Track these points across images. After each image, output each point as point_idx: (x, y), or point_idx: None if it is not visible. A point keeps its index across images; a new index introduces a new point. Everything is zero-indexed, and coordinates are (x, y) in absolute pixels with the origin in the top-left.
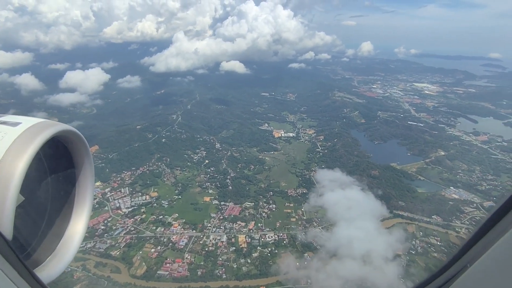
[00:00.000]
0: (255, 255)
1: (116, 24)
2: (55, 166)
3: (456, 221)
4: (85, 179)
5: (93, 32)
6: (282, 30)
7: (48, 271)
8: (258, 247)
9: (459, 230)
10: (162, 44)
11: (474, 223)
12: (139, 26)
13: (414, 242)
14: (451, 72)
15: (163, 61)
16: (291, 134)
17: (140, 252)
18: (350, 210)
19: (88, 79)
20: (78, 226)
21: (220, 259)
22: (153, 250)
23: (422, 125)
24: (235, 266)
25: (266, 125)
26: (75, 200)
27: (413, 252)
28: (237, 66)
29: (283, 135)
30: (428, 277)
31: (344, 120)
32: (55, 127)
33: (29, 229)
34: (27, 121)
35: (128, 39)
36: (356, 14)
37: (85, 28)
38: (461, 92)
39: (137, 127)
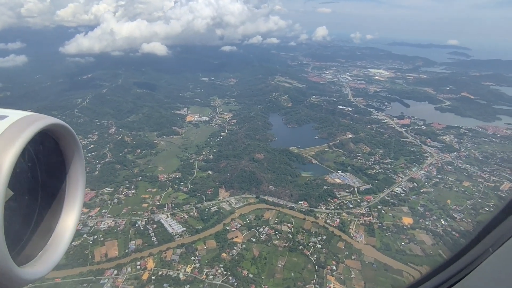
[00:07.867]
0: (75, 243)
1: (71, 6)
2: (44, 160)
3: (322, 207)
4: (75, 173)
5: (47, 15)
6: (224, 13)
7: (38, 267)
8: (85, 235)
9: (319, 216)
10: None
11: (339, 207)
12: (94, 9)
13: (262, 229)
14: (412, 59)
15: (75, 43)
16: (204, 118)
17: None
18: None
19: None
20: (69, 221)
21: None
22: None
23: (350, 109)
24: None
25: (185, 109)
26: (66, 195)
27: (253, 240)
28: (157, 48)
29: (196, 119)
30: (447, 260)
31: (269, 104)
32: (43, 120)
33: (18, 225)
34: (14, 114)
35: (82, 23)
36: (327, 1)
37: (34, 10)
38: (412, 78)
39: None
